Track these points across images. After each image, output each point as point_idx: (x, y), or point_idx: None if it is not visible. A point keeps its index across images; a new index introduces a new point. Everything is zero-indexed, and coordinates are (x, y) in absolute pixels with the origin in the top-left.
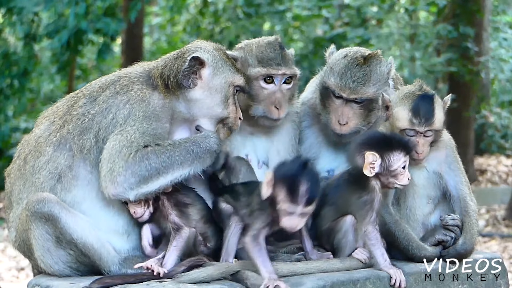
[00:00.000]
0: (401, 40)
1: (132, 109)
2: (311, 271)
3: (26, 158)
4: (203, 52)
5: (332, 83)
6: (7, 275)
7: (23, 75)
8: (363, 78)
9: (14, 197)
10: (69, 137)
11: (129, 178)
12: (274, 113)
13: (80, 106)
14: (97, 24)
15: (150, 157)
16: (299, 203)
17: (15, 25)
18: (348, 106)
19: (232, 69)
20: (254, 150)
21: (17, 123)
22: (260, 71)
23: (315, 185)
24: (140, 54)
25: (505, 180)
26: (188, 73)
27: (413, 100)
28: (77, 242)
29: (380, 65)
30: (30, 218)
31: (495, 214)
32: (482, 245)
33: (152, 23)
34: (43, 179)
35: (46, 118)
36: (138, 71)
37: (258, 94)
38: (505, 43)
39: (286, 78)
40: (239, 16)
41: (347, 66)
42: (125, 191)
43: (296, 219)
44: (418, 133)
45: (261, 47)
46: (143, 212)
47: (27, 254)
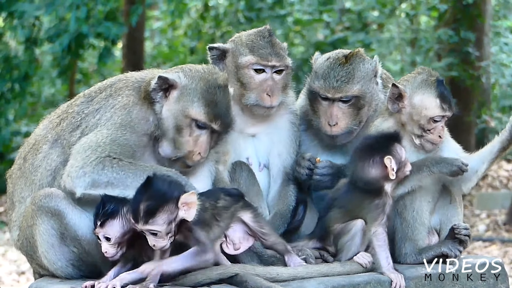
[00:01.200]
0: (402, 44)
1: (114, 114)
2: (312, 275)
3: (25, 157)
4: (181, 75)
5: (317, 85)
6: (8, 279)
7: (24, 79)
8: (346, 76)
9: (16, 197)
10: (62, 134)
11: (81, 177)
12: (267, 101)
13: (77, 105)
14: (98, 28)
15: (106, 168)
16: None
17: (16, 29)
18: (335, 106)
19: (198, 102)
20: (255, 153)
21: (18, 127)
22: (250, 60)
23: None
24: (141, 58)
25: (506, 185)
26: (157, 88)
27: (434, 86)
28: (81, 240)
29: (363, 63)
30: (36, 212)
31: (495, 218)
32: (482, 250)
33: (153, 27)
34: (40, 176)
35: (47, 117)
36: (138, 77)
37: (249, 82)
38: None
39: (278, 69)
40: (240, 20)
41: (330, 67)
42: (75, 187)
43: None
44: (443, 118)
45: (251, 36)
46: (115, 253)
47: (29, 253)
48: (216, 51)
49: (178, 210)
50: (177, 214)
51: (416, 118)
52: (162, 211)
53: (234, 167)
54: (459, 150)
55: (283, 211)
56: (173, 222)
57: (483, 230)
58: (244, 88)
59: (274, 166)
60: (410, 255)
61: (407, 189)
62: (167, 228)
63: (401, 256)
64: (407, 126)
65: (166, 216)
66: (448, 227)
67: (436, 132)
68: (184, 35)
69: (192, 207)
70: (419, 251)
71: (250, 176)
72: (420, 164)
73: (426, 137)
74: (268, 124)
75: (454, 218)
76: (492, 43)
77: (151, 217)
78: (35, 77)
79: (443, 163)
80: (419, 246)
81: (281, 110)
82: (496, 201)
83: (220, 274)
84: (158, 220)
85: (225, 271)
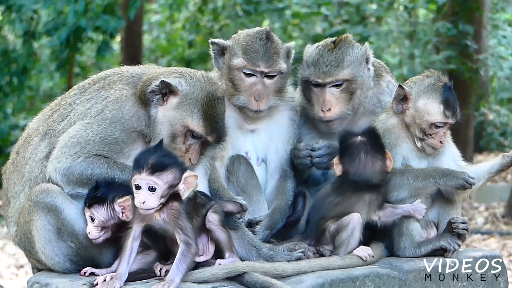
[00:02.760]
0: (400, 37)
1: (105, 107)
2: (314, 269)
3: (18, 151)
4: (182, 81)
5: (307, 73)
6: (6, 273)
7: (22, 72)
8: (336, 60)
9: (10, 192)
10: (52, 125)
11: (69, 175)
12: (254, 105)
13: (70, 97)
14: (96, 22)
15: (95, 168)
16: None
17: (14, 22)
18: (327, 91)
19: (198, 113)
20: (254, 148)
21: (16, 120)
22: (240, 63)
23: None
24: (139, 52)
25: (504, 178)
26: (154, 92)
27: (440, 92)
28: (78, 234)
29: (352, 48)
30: (33, 208)
31: (494, 211)
32: (481, 243)
33: (152, 21)
34: (29, 169)
35: (42, 111)
36: (133, 72)
37: (239, 84)
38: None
39: (269, 75)
40: (239, 13)
41: (318, 54)
42: (62, 183)
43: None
44: (445, 124)
45: (248, 37)
46: (97, 236)
47: (28, 249)
48: (217, 46)
49: (180, 181)
50: (178, 184)
51: (418, 121)
52: (170, 170)
53: (232, 160)
54: (458, 157)
55: (281, 206)
56: (172, 188)
57: (482, 223)
58: (235, 88)
59: (272, 162)
60: (409, 249)
61: (410, 195)
62: (165, 190)
63: (400, 249)
64: (410, 127)
65: (171, 177)
66: (446, 220)
67: (437, 137)
68: (182, 28)
69: (189, 188)
70: (418, 245)
71: (249, 170)
72: (427, 174)
73: (427, 141)
74: (267, 121)
75: (453, 212)
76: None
77: (159, 171)
78: (33, 71)
79: (449, 176)
80: (416, 240)
81: (280, 107)
82: (495, 194)
83: (227, 273)
84: (163, 177)
85: (233, 269)
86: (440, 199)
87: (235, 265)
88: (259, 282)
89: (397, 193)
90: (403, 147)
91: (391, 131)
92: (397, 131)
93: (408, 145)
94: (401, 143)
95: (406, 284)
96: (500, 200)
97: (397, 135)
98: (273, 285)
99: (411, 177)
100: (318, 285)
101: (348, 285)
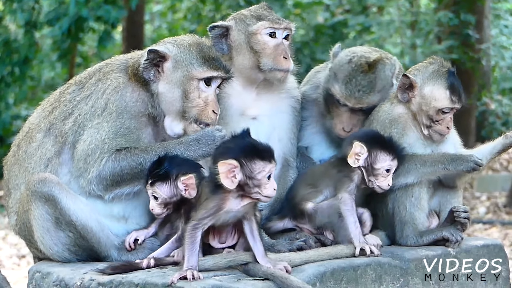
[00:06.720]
0: (402, 27)
1: (107, 100)
2: (323, 258)
3: (19, 144)
4: (168, 45)
5: (337, 91)
6: (8, 263)
7: (24, 62)
8: (368, 86)
9: (11, 183)
10: (54, 123)
11: (102, 181)
12: (284, 64)
13: (69, 93)
14: (98, 12)
15: (120, 162)
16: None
17: (15, 12)
18: (353, 114)
19: (197, 61)
20: (257, 135)
21: (18, 110)
22: (263, 25)
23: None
24: (141, 42)
25: (506, 167)
26: (148, 66)
27: (445, 78)
28: (76, 224)
29: (385, 70)
30: (31, 198)
31: (496, 201)
32: (483, 232)
33: (153, 11)
34: (34, 164)
35: (40, 105)
36: (123, 59)
37: (264, 48)
38: (506, 30)
39: (285, 35)
40: (240, 3)
41: (352, 74)
42: (101, 193)
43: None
44: (451, 110)
45: (253, 9)
46: (160, 212)
47: (28, 238)
48: (219, 29)
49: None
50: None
51: (425, 108)
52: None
53: None
54: (459, 145)
55: (283, 196)
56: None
57: (483, 213)
58: (259, 55)
59: (274, 151)
60: (411, 237)
61: (417, 180)
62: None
63: (402, 238)
64: (416, 116)
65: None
66: (448, 209)
67: (444, 123)
68: (184, 18)
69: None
70: (420, 234)
71: None
72: (435, 159)
73: (434, 127)
74: (269, 106)
75: (454, 200)
76: (492, 25)
77: None
78: (35, 61)
79: (458, 160)
80: (419, 229)
81: (282, 93)
82: (497, 183)
83: (230, 261)
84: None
85: (236, 258)
86: (441, 187)
87: (238, 254)
88: (261, 271)
89: (404, 178)
90: (410, 136)
91: (398, 120)
92: (404, 120)
93: (415, 134)
94: (408, 132)
95: (407, 273)
96: (501, 189)
97: (404, 124)
98: (275, 274)
99: (419, 162)
100: (319, 274)
101: (349, 273)
